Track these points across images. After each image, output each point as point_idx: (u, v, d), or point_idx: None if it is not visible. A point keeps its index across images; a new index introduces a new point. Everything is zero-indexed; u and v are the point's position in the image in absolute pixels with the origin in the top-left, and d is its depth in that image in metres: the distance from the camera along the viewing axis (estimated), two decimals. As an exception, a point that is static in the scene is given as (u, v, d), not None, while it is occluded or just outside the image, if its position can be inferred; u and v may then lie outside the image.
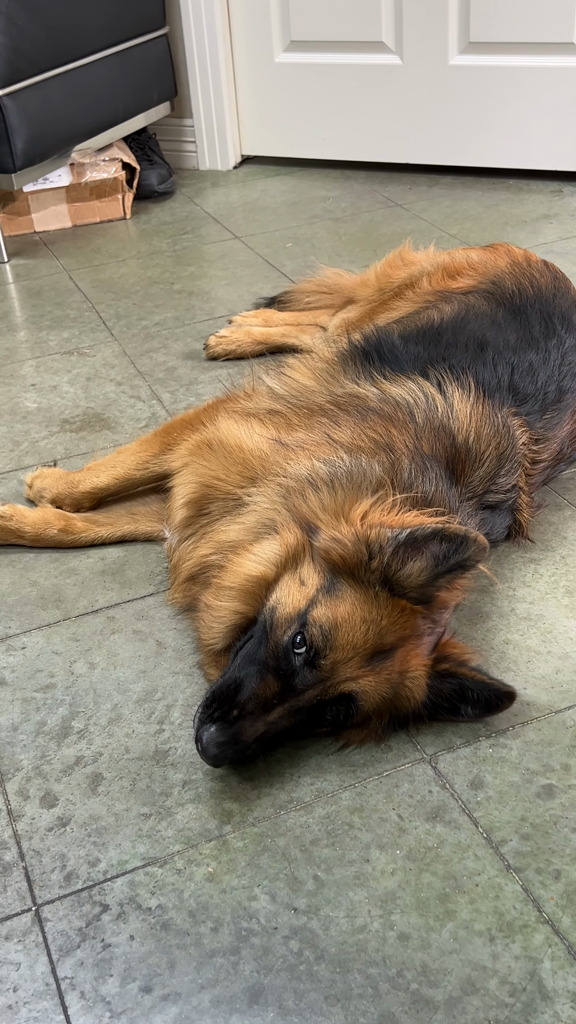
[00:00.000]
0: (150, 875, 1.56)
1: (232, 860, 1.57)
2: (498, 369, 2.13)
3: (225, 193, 4.43)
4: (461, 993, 1.38)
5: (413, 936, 1.45)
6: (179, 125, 4.66)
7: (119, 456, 2.30)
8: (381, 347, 2.18)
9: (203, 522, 2.00)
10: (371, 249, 3.72)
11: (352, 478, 1.78)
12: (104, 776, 1.72)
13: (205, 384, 2.93)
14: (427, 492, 1.82)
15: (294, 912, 1.49)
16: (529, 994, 1.38)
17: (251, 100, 4.55)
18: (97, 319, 3.38)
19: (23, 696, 1.89)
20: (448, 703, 1.74)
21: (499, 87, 4.11)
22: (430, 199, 4.19)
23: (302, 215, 4.13)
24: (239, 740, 1.58)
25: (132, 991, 1.41)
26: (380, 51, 4.24)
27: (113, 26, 4.02)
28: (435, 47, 4.13)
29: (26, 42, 3.59)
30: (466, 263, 2.57)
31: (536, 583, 2.10)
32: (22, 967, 1.45)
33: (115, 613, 2.09)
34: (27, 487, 2.40)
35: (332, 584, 1.66)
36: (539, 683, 1.86)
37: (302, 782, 1.69)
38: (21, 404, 2.89)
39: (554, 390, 2.19)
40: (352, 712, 1.67)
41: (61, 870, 1.57)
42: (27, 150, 3.70)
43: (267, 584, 1.72)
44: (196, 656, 1.93)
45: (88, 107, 3.96)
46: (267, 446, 1.96)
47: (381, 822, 1.62)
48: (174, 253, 3.86)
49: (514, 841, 1.57)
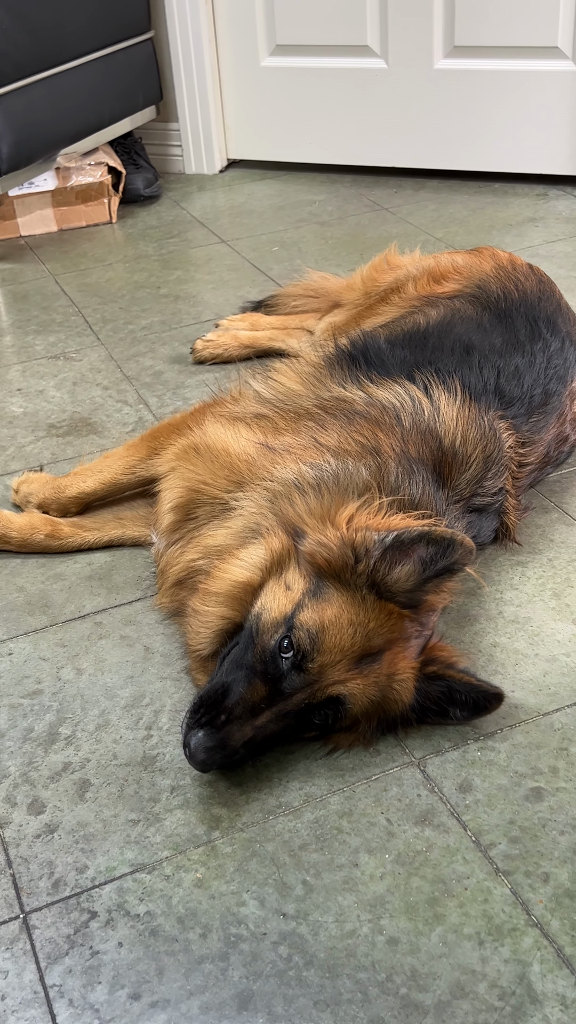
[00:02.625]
0: (138, 881, 1.55)
1: (221, 866, 1.57)
2: (484, 373, 2.13)
3: (211, 197, 4.43)
4: (450, 997, 1.38)
5: (402, 940, 1.45)
6: (165, 129, 4.66)
7: (106, 461, 2.29)
8: (368, 351, 2.18)
9: (190, 527, 1.99)
10: (357, 253, 3.73)
11: (339, 482, 1.78)
12: (92, 782, 1.71)
13: (192, 388, 2.92)
14: (414, 495, 1.82)
15: (283, 917, 1.49)
16: (518, 998, 1.38)
17: (237, 104, 4.55)
18: (83, 323, 3.37)
19: (10, 702, 1.89)
20: (436, 706, 1.74)
21: (484, 91, 4.12)
22: (416, 203, 4.20)
23: (288, 219, 4.13)
24: (227, 745, 1.58)
25: (121, 998, 1.40)
26: (365, 55, 4.25)
27: (98, 30, 4.01)
28: (420, 51, 4.14)
29: (11, 46, 3.58)
30: (452, 267, 2.58)
31: (523, 586, 2.10)
32: (10, 975, 1.44)
33: (102, 618, 2.08)
34: (13, 492, 2.39)
35: (318, 588, 1.66)
36: (527, 686, 1.86)
37: (291, 787, 1.69)
38: (7, 409, 2.88)
39: (540, 393, 2.20)
40: (340, 715, 1.67)
41: (49, 877, 1.57)
42: (12, 154, 3.69)
43: (253, 589, 1.72)
44: (184, 661, 1.93)
45: (73, 111, 3.95)
46: (254, 450, 1.96)
47: (370, 826, 1.62)
48: (160, 257, 3.86)
49: (503, 844, 1.57)
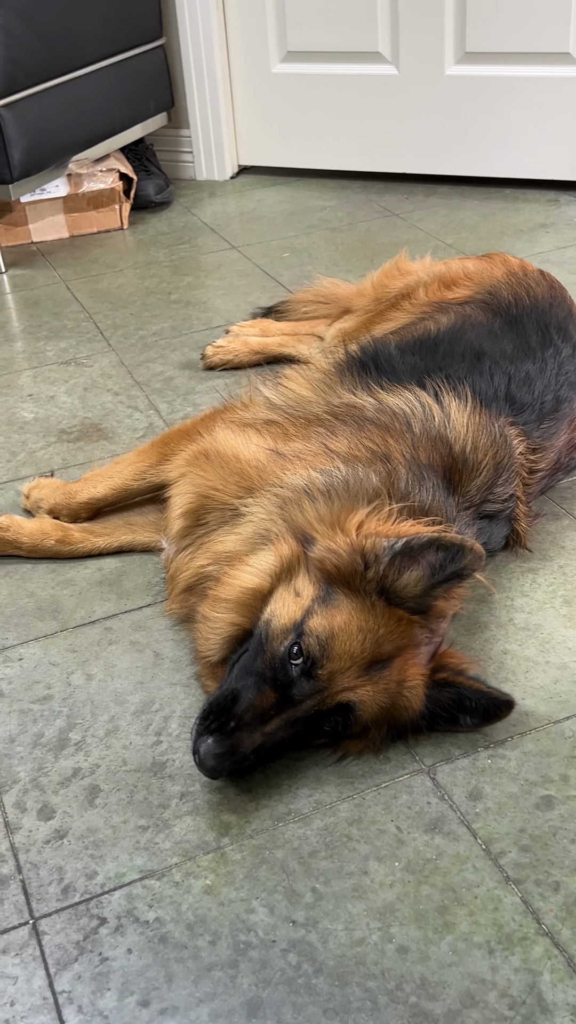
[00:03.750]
0: (148, 888, 1.55)
1: (230, 872, 1.56)
2: (495, 379, 2.13)
3: (222, 203, 4.44)
4: (460, 1006, 1.37)
5: (412, 949, 1.45)
6: (176, 135, 4.67)
7: (116, 466, 2.30)
8: (378, 357, 2.18)
9: (200, 533, 1.99)
10: (368, 259, 3.73)
11: (348, 488, 1.78)
12: (101, 788, 1.71)
13: (202, 394, 2.93)
14: (424, 502, 1.82)
15: (292, 925, 1.49)
16: (529, 1007, 1.37)
17: (248, 110, 4.56)
18: (94, 329, 3.38)
19: (20, 708, 1.89)
20: (446, 712, 1.73)
21: (495, 97, 4.12)
22: (427, 209, 4.20)
23: (299, 225, 4.13)
24: (236, 752, 1.58)
25: (130, 1005, 1.40)
26: (376, 61, 4.26)
27: (110, 37, 4.03)
28: (431, 57, 4.15)
29: (22, 53, 3.60)
30: (462, 273, 2.58)
31: (534, 593, 2.10)
32: (19, 981, 1.44)
33: (112, 624, 2.08)
34: (24, 497, 2.40)
35: (328, 594, 1.66)
36: (537, 693, 1.85)
37: (300, 794, 1.69)
38: (18, 414, 2.89)
39: (551, 400, 2.19)
40: (350, 722, 1.66)
41: (58, 883, 1.57)
42: (24, 161, 3.71)
43: (263, 596, 1.72)
44: (194, 667, 1.93)
45: (85, 118, 3.97)
46: (264, 456, 1.96)
47: (379, 834, 1.61)
48: (171, 263, 3.86)
49: (513, 853, 1.57)
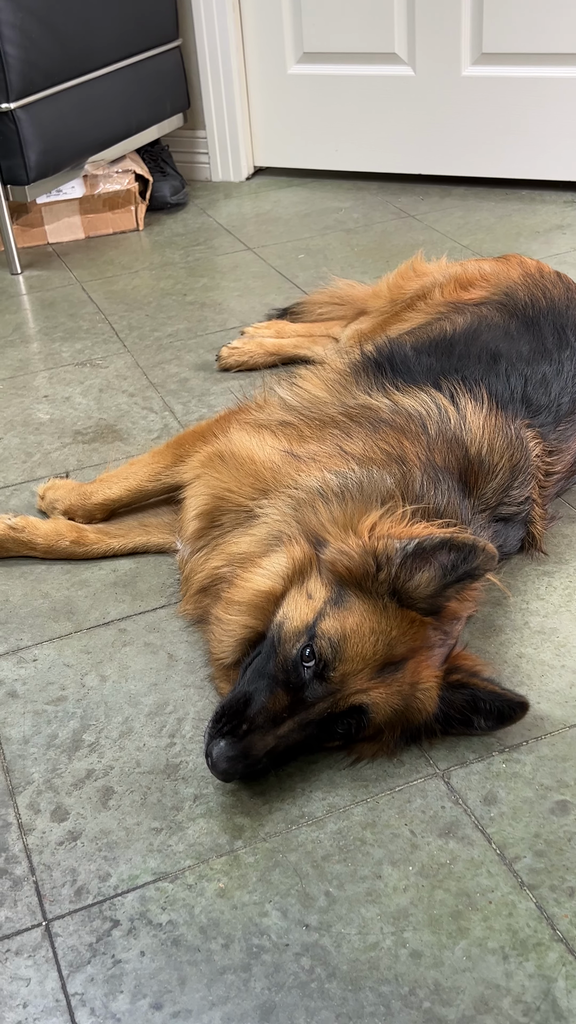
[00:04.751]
0: (161, 890, 1.55)
1: (243, 875, 1.56)
2: (511, 381, 2.12)
3: (238, 204, 4.44)
4: (474, 1012, 1.37)
5: (426, 954, 1.44)
6: (192, 137, 4.67)
7: (131, 468, 2.30)
8: (393, 358, 2.18)
9: (215, 534, 1.99)
10: (383, 260, 3.72)
11: (363, 490, 1.77)
12: (115, 790, 1.71)
13: (217, 395, 2.93)
14: (439, 504, 1.81)
15: (305, 929, 1.48)
16: (543, 1013, 1.36)
17: (264, 112, 4.56)
18: (110, 330, 3.38)
19: (34, 709, 1.89)
20: (460, 715, 1.73)
21: (512, 98, 4.11)
22: (442, 210, 4.19)
23: (314, 226, 4.13)
24: (249, 755, 1.58)
25: (142, 1008, 1.40)
26: (393, 62, 4.25)
27: (126, 39, 4.03)
28: (448, 58, 4.14)
29: (39, 55, 3.61)
30: (478, 274, 2.57)
31: (550, 596, 2.09)
32: (32, 983, 1.44)
33: (127, 625, 2.08)
34: (39, 498, 2.40)
35: (340, 596, 1.65)
36: (553, 697, 1.84)
37: (314, 797, 1.68)
38: (34, 415, 2.89)
39: (568, 401, 2.18)
40: (363, 725, 1.66)
41: (71, 885, 1.57)
42: (40, 162, 3.72)
43: (275, 598, 1.71)
44: (208, 669, 1.93)
45: (101, 119, 3.97)
46: (279, 458, 1.96)
47: (393, 838, 1.60)
48: (186, 264, 3.87)
49: (528, 858, 1.56)
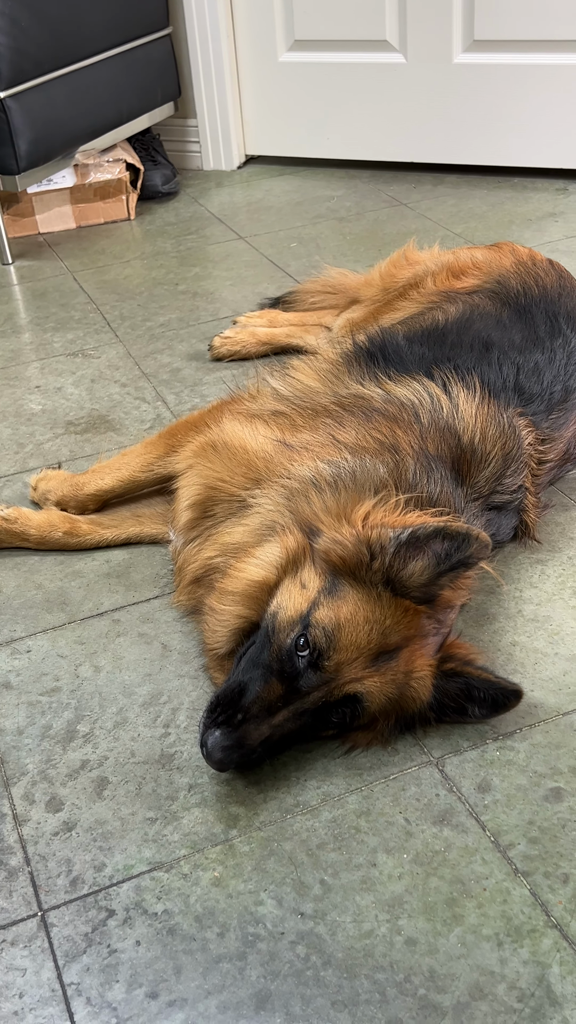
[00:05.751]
0: (156, 880, 1.55)
1: (238, 864, 1.56)
2: (503, 369, 2.12)
3: (229, 193, 4.43)
4: (469, 999, 1.37)
5: (420, 941, 1.45)
6: (183, 125, 4.65)
7: (124, 458, 2.29)
8: (386, 348, 2.17)
9: (208, 524, 1.99)
10: (376, 248, 3.71)
11: (356, 479, 1.77)
12: (110, 780, 1.71)
13: (210, 385, 2.92)
14: (432, 493, 1.81)
15: (301, 917, 1.48)
16: (538, 999, 1.37)
17: (255, 100, 4.54)
18: (101, 320, 3.37)
19: (28, 700, 1.89)
20: (455, 703, 1.73)
21: (504, 85, 4.10)
22: (435, 198, 4.18)
23: (306, 215, 4.12)
24: (244, 744, 1.58)
25: (138, 997, 1.40)
26: (384, 49, 4.23)
27: (116, 27, 4.01)
28: (439, 45, 4.12)
29: (29, 43, 3.59)
30: (471, 262, 2.56)
31: (543, 584, 2.09)
32: (28, 973, 1.44)
33: (120, 616, 2.08)
34: (32, 489, 2.40)
35: (334, 586, 1.65)
36: (546, 685, 1.85)
37: (308, 786, 1.69)
38: (26, 406, 2.88)
39: (560, 390, 2.18)
40: (358, 713, 1.66)
41: (67, 875, 1.57)
42: (31, 151, 3.70)
43: (269, 588, 1.71)
44: (202, 659, 1.93)
45: (92, 108, 3.95)
46: (271, 447, 1.95)
47: (388, 826, 1.61)
48: (178, 254, 3.85)
49: (522, 845, 1.57)
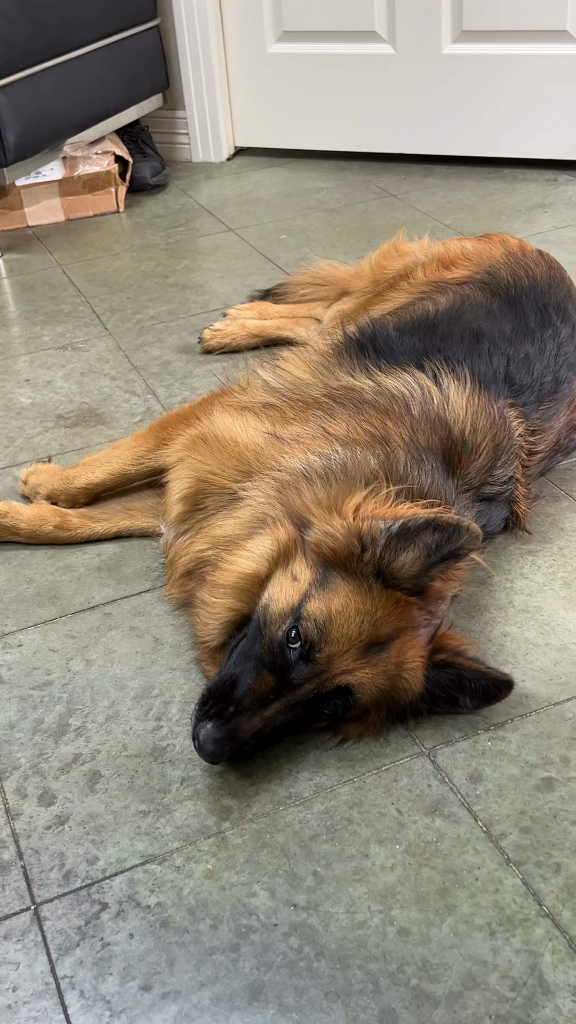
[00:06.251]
0: (149, 873, 1.55)
1: (231, 857, 1.57)
2: (494, 360, 2.12)
3: (218, 185, 4.41)
4: (462, 988, 1.38)
5: (413, 931, 1.45)
6: (172, 117, 4.64)
7: (114, 451, 2.29)
8: (376, 339, 2.17)
9: (199, 517, 1.99)
10: (365, 240, 3.71)
11: (347, 471, 1.77)
12: (102, 773, 1.71)
13: (200, 378, 2.92)
14: (423, 484, 1.81)
15: (293, 908, 1.49)
16: (530, 988, 1.37)
17: (244, 91, 4.53)
18: (91, 313, 3.36)
19: (20, 694, 1.89)
20: (446, 694, 1.73)
21: (493, 76, 4.09)
22: (424, 189, 4.17)
23: (296, 207, 4.11)
24: (236, 736, 1.58)
25: (132, 989, 1.40)
26: (373, 40, 4.22)
27: (104, 18, 4.00)
28: (428, 36, 4.11)
29: (16, 35, 3.57)
30: (461, 253, 2.56)
31: (534, 575, 2.09)
32: (21, 966, 1.44)
33: (112, 609, 2.08)
34: (22, 483, 2.39)
35: (325, 578, 1.65)
36: (537, 675, 1.85)
37: (300, 777, 1.69)
38: (15, 400, 2.88)
39: (550, 381, 2.18)
40: (350, 705, 1.66)
41: (60, 868, 1.57)
42: (19, 144, 3.68)
43: (260, 581, 1.71)
44: (194, 652, 1.93)
45: (80, 100, 3.94)
46: (262, 440, 1.95)
47: (380, 817, 1.61)
48: (168, 246, 3.84)
49: (514, 835, 1.57)
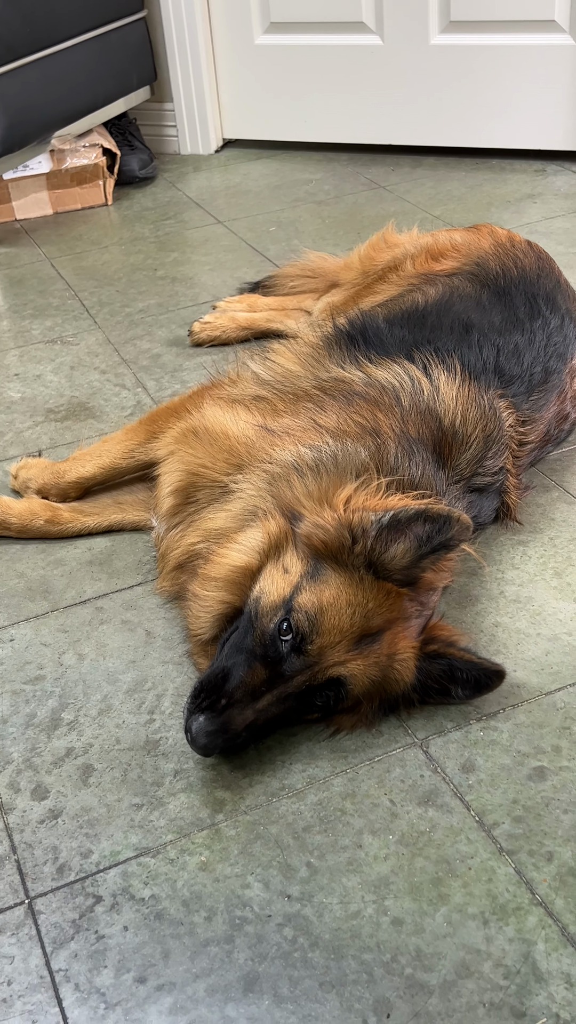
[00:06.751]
0: (143, 865, 1.55)
1: (225, 849, 1.57)
2: (484, 351, 2.12)
3: (207, 177, 4.40)
4: (455, 977, 1.38)
5: (407, 921, 1.46)
6: (159, 109, 4.62)
7: (105, 445, 2.28)
8: (366, 331, 2.17)
9: (190, 510, 1.99)
10: (355, 232, 3.70)
11: (337, 463, 1.77)
12: (95, 767, 1.71)
13: (190, 371, 2.91)
14: (413, 476, 1.82)
15: (287, 899, 1.49)
16: (523, 976, 1.38)
17: (232, 83, 4.51)
18: (80, 307, 3.35)
19: (12, 688, 1.88)
20: (438, 685, 1.74)
21: (481, 66, 4.08)
22: (413, 180, 4.17)
23: (285, 199, 4.10)
24: (228, 729, 1.58)
25: (127, 982, 1.41)
26: (361, 31, 4.21)
27: (91, 10, 3.98)
28: (416, 27, 4.10)
29: (3, 28, 3.55)
30: (450, 245, 2.56)
31: (525, 565, 2.10)
32: (16, 960, 1.45)
33: (103, 603, 2.08)
34: (12, 478, 2.38)
35: (316, 570, 1.66)
36: (529, 665, 1.86)
37: (293, 769, 1.69)
38: (5, 394, 2.87)
39: (540, 371, 2.19)
40: (342, 696, 1.67)
41: (53, 862, 1.57)
42: (6, 137, 3.67)
43: (252, 573, 1.71)
44: (186, 645, 1.93)
45: (67, 93, 3.92)
46: (253, 432, 1.95)
47: (373, 807, 1.62)
48: (157, 239, 3.83)
49: (506, 824, 1.58)
